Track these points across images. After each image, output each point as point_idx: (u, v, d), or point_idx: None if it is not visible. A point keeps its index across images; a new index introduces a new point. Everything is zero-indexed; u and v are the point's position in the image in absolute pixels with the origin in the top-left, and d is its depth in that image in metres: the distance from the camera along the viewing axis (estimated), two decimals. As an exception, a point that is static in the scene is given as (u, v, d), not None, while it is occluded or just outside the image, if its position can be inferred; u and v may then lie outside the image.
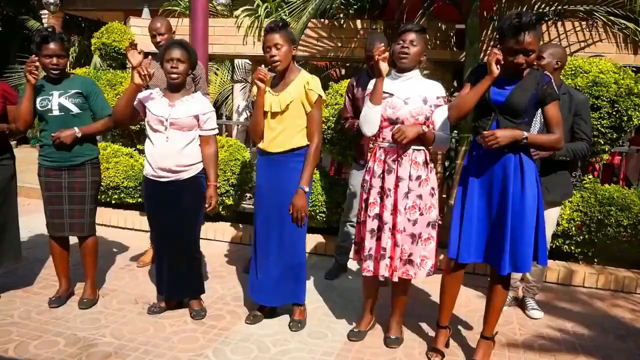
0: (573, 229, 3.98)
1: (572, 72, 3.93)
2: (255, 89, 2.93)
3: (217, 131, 3.10)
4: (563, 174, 3.20)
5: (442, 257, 3.51)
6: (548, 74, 2.47)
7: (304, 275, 3.07)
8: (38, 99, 3.02)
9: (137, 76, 2.81)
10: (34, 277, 3.67)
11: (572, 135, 3.14)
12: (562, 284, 3.97)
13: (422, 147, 2.72)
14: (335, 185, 4.59)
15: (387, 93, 2.73)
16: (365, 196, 2.82)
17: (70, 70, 3.25)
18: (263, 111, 2.91)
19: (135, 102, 2.95)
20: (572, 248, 4.07)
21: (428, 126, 2.68)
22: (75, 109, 3.06)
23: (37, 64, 2.90)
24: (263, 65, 2.78)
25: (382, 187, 2.73)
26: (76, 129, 3.04)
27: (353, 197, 3.80)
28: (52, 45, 2.98)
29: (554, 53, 3.08)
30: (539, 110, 2.53)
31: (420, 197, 2.70)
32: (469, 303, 3.55)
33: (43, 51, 2.98)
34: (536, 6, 4.41)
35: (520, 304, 3.49)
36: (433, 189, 2.75)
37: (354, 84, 3.67)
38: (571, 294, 3.84)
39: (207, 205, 3.03)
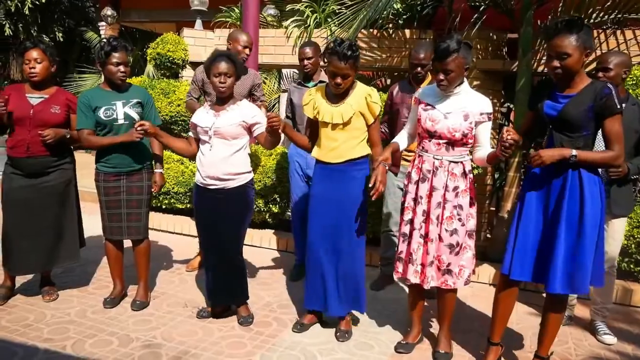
0: (633, 246, 3.79)
1: (634, 82, 3.77)
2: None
3: None
4: (629, 186, 3.07)
5: (491, 272, 3.41)
6: (610, 85, 2.35)
7: (363, 284, 3.04)
8: (101, 110, 3.13)
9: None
10: (89, 278, 3.81)
11: (637, 146, 3.02)
12: (620, 304, 3.79)
13: (460, 159, 2.69)
14: (381, 196, 4.55)
15: (430, 105, 2.72)
16: (402, 200, 2.88)
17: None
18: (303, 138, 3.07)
19: (193, 130, 3.10)
20: (632, 266, 3.88)
21: (466, 142, 2.66)
22: (137, 118, 3.18)
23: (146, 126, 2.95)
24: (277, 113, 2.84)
25: (416, 194, 2.76)
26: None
27: (389, 206, 3.78)
28: (119, 54, 3.11)
29: (621, 63, 2.96)
30: None
31: (460, 207, 2.68)
32: (521, 320, 3.43)
33: (111, 59, 3.10)
34: (594, 14, 4.26)
35: (590, 328, 3.33)
36: (472, 198, 2.73)
37: (394, 91, 3.65)
38: (630, 314, 3.66)
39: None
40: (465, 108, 2.64)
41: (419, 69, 3.47)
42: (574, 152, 2.35)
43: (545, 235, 2.50)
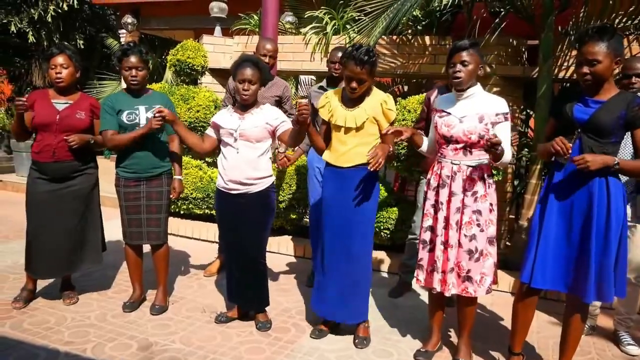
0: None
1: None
2: (321, 103, 2.98)
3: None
4: None
5: (508, 279, 3.36)
6: None
7: (367, 291, 3.04)
8: (124, 113, 3.17)
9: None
10: (108, 282, 3.84)
11: None
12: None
13: (479, 164, 2.68)
14: (400, 202, 4.54)
15: (445, 112, 2.74)
16: (422, 206, 2.88)
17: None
18: (319, 136, 3.08)
19: (214, 130, 3.10)
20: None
21: (483, 145, 2.64)
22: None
23: None
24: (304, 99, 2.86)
25: (436, 200, 2.75)
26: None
27: (420, 213, 3.75)
28: (131, 59, 3.15)
29: None
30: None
31: (479, 212, 2.66)
32: (541, 329, 3.38)
33: (124, 64, 3.16)
34: (617, 20, 4.20)
35: (614, 338, 3.26)
36: (492, 204, 2.70)
37: (431, 97, 3.63)
38: (655, 325, 3.57)
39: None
40: (480, 110, 2.65)
41: None
42: (617, 160, 2.33)
43: (572, 244, 2.46)
